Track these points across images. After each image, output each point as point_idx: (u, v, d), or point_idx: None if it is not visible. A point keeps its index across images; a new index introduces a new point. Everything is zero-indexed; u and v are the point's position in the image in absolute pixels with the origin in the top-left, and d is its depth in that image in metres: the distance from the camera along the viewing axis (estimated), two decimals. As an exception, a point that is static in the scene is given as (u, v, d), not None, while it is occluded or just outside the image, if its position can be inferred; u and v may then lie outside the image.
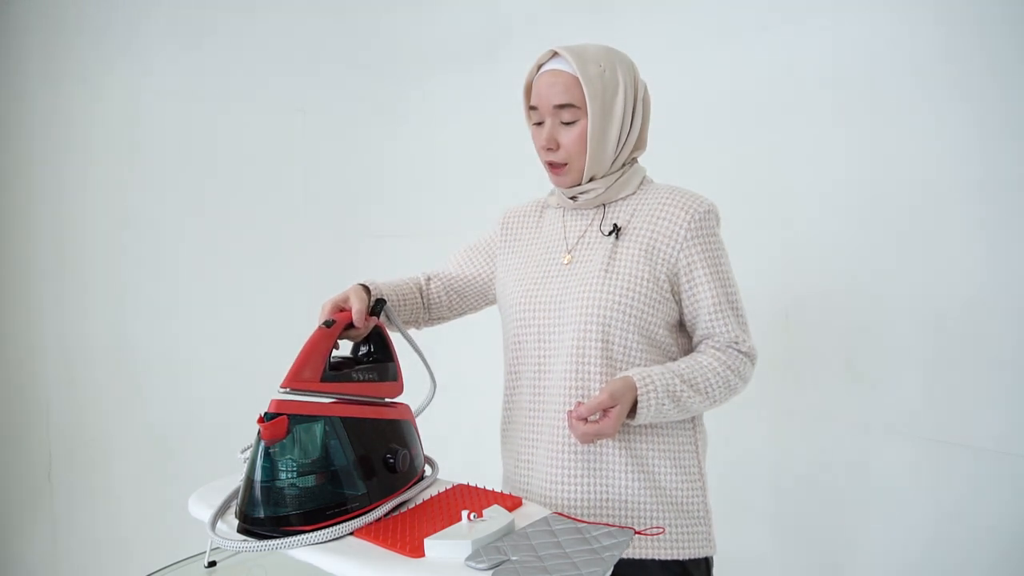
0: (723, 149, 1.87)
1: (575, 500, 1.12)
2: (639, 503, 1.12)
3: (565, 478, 1.12)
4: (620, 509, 1.12)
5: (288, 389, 0.92)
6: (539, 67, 1.16)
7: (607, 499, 1.12)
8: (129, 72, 2.10)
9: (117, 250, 2.10)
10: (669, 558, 1.13)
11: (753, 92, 1.81)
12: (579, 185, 1.18)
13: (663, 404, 1.06)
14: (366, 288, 1.15)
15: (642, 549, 1.12)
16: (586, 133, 1.13)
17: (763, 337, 1.20)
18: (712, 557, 1.18)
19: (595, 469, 1.12)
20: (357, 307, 1.06)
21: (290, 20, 2.40)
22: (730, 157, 1.86)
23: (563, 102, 1.13)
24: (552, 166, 1.17)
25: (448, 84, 2.59)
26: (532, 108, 1.17)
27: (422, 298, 1.30)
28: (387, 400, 1.08)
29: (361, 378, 1.02)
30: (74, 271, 2.04)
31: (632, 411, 1.06)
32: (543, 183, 1.28)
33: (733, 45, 1.84)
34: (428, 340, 1.27)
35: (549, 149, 1.15)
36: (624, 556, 1.10)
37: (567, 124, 1.14)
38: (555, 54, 1.15)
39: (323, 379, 0.95)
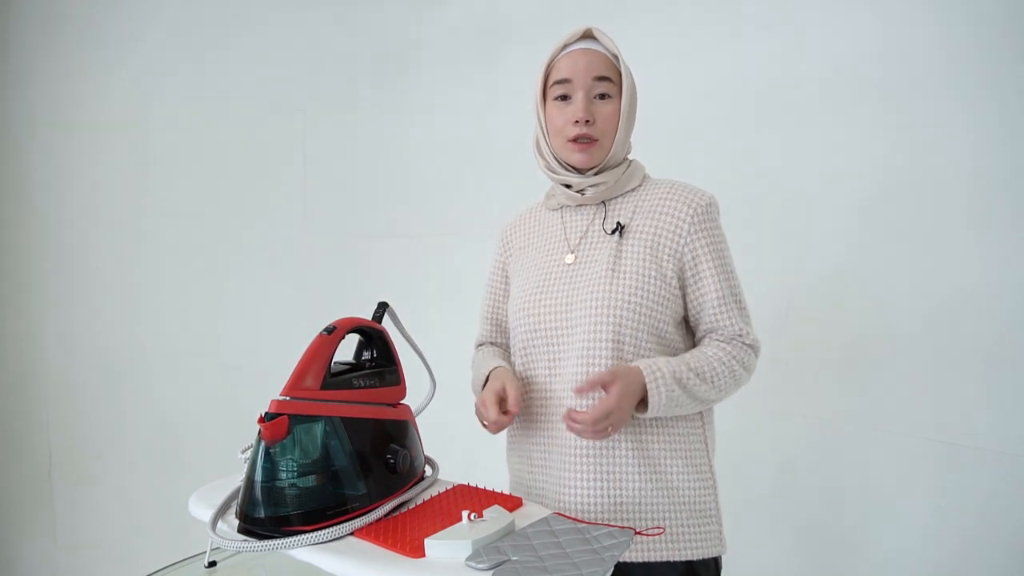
0: (723, 148, 1.87)
1: (589, 504, 1.11)
2: (652, 505, 1.11)
3: (578, 482, 1.11)
4: (633, 512, 1.11)
5: (289, 398, 0.92)
6: (564, 46, 1.17)
7: (620, 503, 1.11)
8: (130, 73, 2.10)
9: (116, 250, 2.10)
10: (681, 559, 1.11)
11: (753, 91, 1.81)
12: (598, 172, 1.17)
13: (672, 390, 1.05)
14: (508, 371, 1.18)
15: (654, 551, 1.11)
16: (619, 111, 1.15)
17: (763, 337, 1.20)
18: (721, 556, 1.18)
19: (608, 472, 1.11)
20: (514, 394, 1.11)
21: (291, 20, 2.41)
22: (729, 156, 1.86)
23: (603, 75, 1.14)
24: (579, 141, 1.15)
25: (448, 84, 2.59)
26: (559, 83, 1.16)
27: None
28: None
29: (362, 384, 1.01)
30: (74, 271, 2.04)
31: (643, 405, 1.06)
32: (541, 183, 1.28)
33: (733, 45, 1.84)
34: (428, 340, 1.27)
35: (586, 122, 1.13)
36: (635, 559, 1.10)
37: (601, 100, 1.15)
38: (586, 35, 1.16)
39: (324, 386, 0.95)
